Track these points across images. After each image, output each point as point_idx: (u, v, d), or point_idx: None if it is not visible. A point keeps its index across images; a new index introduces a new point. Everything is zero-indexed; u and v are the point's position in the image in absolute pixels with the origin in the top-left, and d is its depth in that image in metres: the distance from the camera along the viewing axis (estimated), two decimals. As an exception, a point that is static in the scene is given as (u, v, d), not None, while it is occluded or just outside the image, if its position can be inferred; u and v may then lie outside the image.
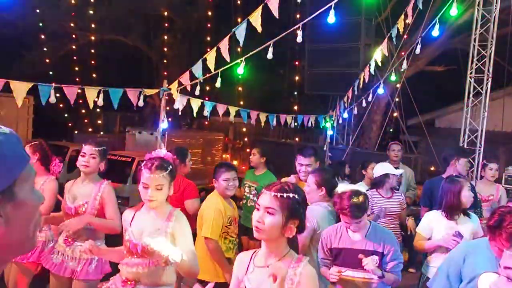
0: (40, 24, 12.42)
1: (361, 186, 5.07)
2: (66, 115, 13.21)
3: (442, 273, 2.48)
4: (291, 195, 1.75)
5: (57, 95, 4.41)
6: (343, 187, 4.45)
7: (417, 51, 5.49)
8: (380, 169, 4.46)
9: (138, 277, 2.48)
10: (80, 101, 5.32)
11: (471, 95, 7.21)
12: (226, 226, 3.38)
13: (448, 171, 4.46)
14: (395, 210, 4.41)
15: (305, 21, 4.38)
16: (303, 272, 1.74)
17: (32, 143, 3.57)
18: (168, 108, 7.35)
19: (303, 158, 3.87)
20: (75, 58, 13.49)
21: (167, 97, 5.05)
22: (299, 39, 4.25)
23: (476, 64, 7.08)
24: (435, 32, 4.93)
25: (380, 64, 5.92)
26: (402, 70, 7.41)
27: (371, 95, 6.85)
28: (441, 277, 2.46)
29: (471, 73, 7.09)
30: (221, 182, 3.41)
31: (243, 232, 4.57)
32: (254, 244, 4.22)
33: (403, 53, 6.59)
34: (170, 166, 2.53)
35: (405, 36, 7.58)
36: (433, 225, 3.47)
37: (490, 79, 7.02)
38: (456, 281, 2.35)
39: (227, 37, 4.39)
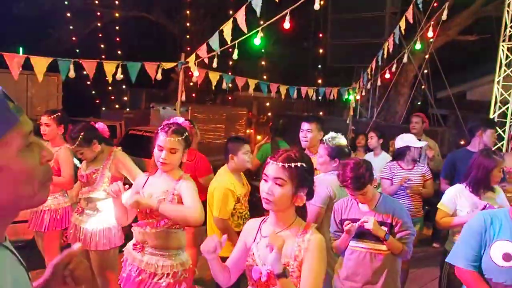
0: (66, 2, 12.57)
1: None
2: (93, 92, 13.49)
3: (461, 244, 2.38)
4: (299, 164, 1.72)
5: (84, 72, 4.47)
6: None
7: (444, 17, 5.20)
8: (401, 141, 4.35)
9: (146, 238, 2.52)
10: (106, 78, 5.42)
11: (503, 65, 6.86)
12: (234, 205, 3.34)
13: (473, 143, 4.26)
14: (417, 182, 4.30)
15: (323, -12, 4.22)
16: (311, 239, 1.72)
17: (55, 116, 3.60)
18: (191, 83, 7.32)
19: (305, 123, 3.79)
20: (100, 35, 13.65)
21: (190, 73, 5.04)
22: (316, 6, 4.11)
23: (510, 31, 6.70)
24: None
25: (403, 32, 5.67)
26: (430, 40, 7.11)
27: (395, 65, 6.61)
28: (461, 248, 2.36)
29: (503, 40, 6.73)
30: (241, 156, 3.30)
31: None
32: None
33: (432, 22, 6.28)
34: (186, 133, 2.56)
35: (435, 4, 7.23)
36: (457, 200, 3.30)
37: (524, 47, 6.65)
38: (476, 251, 2.24)
39: (243, 8, 4.30)
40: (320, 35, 11.38)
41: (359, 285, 2.74)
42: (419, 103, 11.75)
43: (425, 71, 8.90)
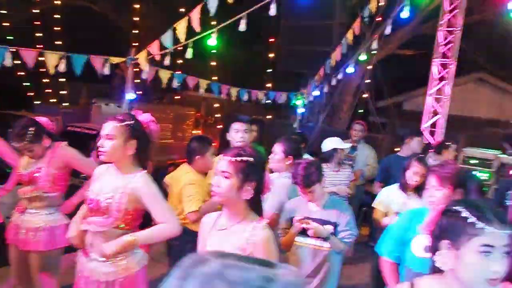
0: (1, -15, 11.71)
1: None
2: (27, 83, 12.58)
3: (388, 237, 2.63)
4: (245, 158, 1.83)
5: (18, 62, 4.20)
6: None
7: (387, 31, 5.52)
8: (329, 144, 4.51)
9: (92, 239, 2.31)
10: (43, 70, 5.09)
11: (434, 79, 7.38)
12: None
13: (403, 149, 4.82)
14: (345, 184, 4.51)
15: (279, -6, 4.30)
16: (259, 234, 1.80)
17: None
18: (138, 80, 7.16)
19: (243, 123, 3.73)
20: (37, 23, 12.77)
21: (137, 69, 4.91)
22: (272, 11, 4.19)
23: (442, 49, 7.22)
24: (404, 14, 5.00)
25: (351, 43, 5.93)
26: (373, 52, 7.47)
27: (340, 74, 6.90)
28: (387, 240, 2.61)
29: (436, 57, 7.23)
30: (209, 157, 3.27)
31: None
32: None
33: (376, 35, 6.63)
34: (131, 122, 2.28)
35: (379, 18, 7.63)
36: (389, 199, 3.64)
37: (454, 64, 7.19)
38: (398, 244, 2.52)
39: (199, 7, 4.29)
40: (271, 40, 11.52)
41: (300, 278, 2.88)
42: (361, 110, 12.31)
43: (367, 81, 9.36)
